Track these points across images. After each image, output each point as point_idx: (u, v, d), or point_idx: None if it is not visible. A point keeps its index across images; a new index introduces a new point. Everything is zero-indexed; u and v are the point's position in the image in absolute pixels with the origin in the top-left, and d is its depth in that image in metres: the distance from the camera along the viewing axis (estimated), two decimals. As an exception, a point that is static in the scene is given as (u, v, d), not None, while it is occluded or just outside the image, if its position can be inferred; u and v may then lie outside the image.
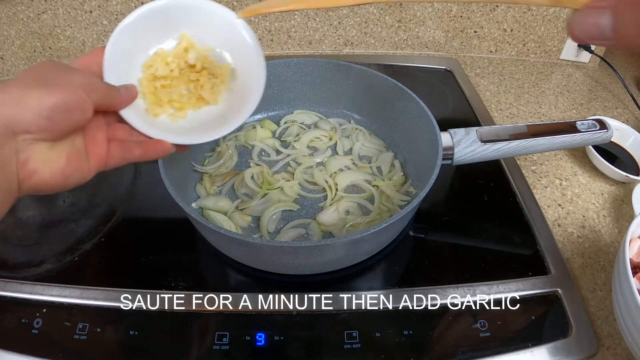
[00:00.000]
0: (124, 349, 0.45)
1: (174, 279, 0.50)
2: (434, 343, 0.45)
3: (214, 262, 0.53)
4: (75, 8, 0.81)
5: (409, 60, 0.90)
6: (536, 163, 0.69)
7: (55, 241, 0.55)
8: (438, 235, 0.58)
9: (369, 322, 0.47)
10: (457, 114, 0.78)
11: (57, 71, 0.35)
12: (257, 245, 0.46)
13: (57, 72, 0.35)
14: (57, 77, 0.34)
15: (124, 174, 0.64)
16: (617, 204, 0.62)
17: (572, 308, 0.49)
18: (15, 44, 0.83)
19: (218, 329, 0.46)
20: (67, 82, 0.34)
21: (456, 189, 0.64)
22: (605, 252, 0.56)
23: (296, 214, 0.57)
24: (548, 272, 0.52)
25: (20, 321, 0.46)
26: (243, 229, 0.56)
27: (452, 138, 0.54)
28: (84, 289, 0.49)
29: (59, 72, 0.35)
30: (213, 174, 0.62)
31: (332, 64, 0.67)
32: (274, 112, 0.72)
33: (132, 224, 0.58)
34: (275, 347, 0.45)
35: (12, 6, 0.79)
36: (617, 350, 0.47)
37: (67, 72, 0.35)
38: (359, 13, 0.87)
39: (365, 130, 0.69)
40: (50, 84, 0.33)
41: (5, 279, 0.50)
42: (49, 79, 0.34)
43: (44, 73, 0.34)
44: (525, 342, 0.46)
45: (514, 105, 0.81)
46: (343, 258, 0.50)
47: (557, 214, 0.61)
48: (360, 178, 0.61)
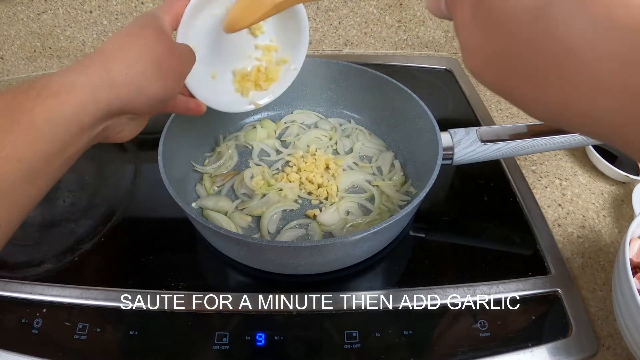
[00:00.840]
0: (124, 349, 0.45)
1: (174, 279, 0.50)
2: (434, 343, 0.45)
3: (214, 262, 0.53)
4: (75, 8, 0.81)
5: (409, 60, 0.90)
6: (536, 163, 0.69)
7: (55, 241, 0.55)
8: (438, 235, 0.58)
9: (369, 322, 0.47)
10: (457, 114, 0.78)
11: (170, 58, 0.37)
12: (257, 245, 0.46)
13: (171, 59, 0.37)
14: (170, 67, 0.37)
15: (124, 174, 0.64)
16: (617, 204, 0.62)
17: (572, 308, 0.49)
18: (15, 44, 0.83)
19: (218, 329, 0.46)
20: (176, 76, 0.38)
21: (456, 189, 0.64)
22: (605, 252, 0.56)
23: (296, 214, 0.57)
24: (548, 272, 0.52)
25: (20, 321, 0.46)
26: (243, 229, 0.56)
27: (452, 138, 0.54)
28: (84, 289, 0.49)
29: (172, 60, 0.37)
30: (213, 174, 0.62)
31: (332, 64, 0.67)
32: (274, 112, 0.72)
33: (132, 224, 0.58)
34: (275, 347, 0.45)
35: (12, 6, 0.79)
36: (617, 350, 0.47)
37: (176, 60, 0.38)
38: (359, 13, 0.87)
39: (365, 130, 0.69)
40: (165, 76, 0.36)
41: (5, 279, 0.50)
42: (164, 69, 0.36)
43: (161, 60, 0.36)
44: (525, 342, 0.46)
45: (514, 105, 0.81)
46: (343, 258, 0.50)
47: (557, 214, 0.60)
48: (361, 178, 0.61)
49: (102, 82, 0.32)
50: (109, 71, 0.33)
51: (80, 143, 0.32)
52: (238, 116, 0.70)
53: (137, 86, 0.34)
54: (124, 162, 0.66)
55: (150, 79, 0.35)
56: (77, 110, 0.31)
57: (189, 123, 0.60)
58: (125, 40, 0.35)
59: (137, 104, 0.35)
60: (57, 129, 0.30)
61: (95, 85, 0.32)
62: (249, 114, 0.71)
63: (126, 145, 0.67)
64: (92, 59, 0.33)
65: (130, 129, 0.39)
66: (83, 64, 0.33)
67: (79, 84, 0.31)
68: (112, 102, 0.33)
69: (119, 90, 0.33)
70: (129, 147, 0.67)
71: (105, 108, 0.33)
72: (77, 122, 0.31)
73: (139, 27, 0.37)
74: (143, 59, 0.35)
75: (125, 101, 0.34)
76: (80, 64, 0.33)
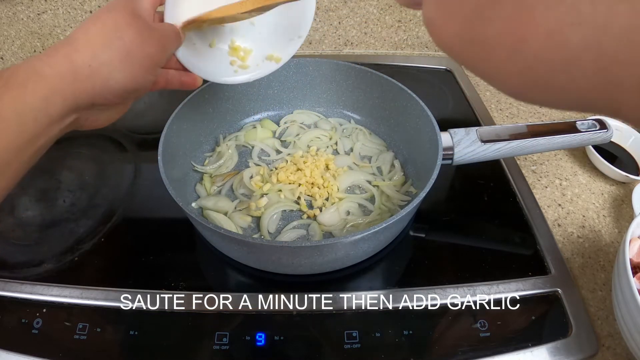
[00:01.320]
0: (124, 349, 0.45)
1: (174, 279, 0.50)
2: (434, 343, 0.45)
3: (214, 262, 0.53)
4: (75, 8, 0.81)
5: (409, 60, 0.90)
6: (536, 163, 0.69)
7: (55, 241, 0.55)
8: (438, 235, 0.58)
9: (369, 322, 0.47)
10: (457, 114, 0.78)
11: (143, 45, 0.34)
12: (257, 245, 0.46)
13: (144, 46, 0.34)
14: (142, 55, 0.34)
15: (124, 174, 0.64)
16: (617, 204, 0.62)
17: (572, 308, 0.49)
18: (15, 44, 0.83)
19: (218, 329, 0.46)
20: (149, 64, 0.35)
21: (456, 189, 0.64)
22: (605, 252, 0.56)
23: (296, 214, 0.57)
24: (548, 272, 0.52)
25: (20, 321, 0.46)
26: (243, 229, 0.56)
27: (452, 138, 0.54)
28: (84, 289, 0.49)
29: (146, 47, 0.34)
30: (213, 174, 0.62)
31: (332, 64, 0.67)
32: (274, 112, 0.72)
33: (132, 224, 0.58)
34: (275, 347, 0.45)
35: (12, 6, 0.79)
36: (617, 350, 0.47)
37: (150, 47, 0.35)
38: (359, 13, 0.87)
39: (365, 130, 0.69)
40: (134, 65, 0.34)
41: (5, 279, 0.50)
42: (134, 58, 0.33)
43: (131, 49, 0.33)
44: (525, 342, 0.46)
45: (514, 105, 0.81)
46: (343, 258, 0.50)
47: (557, 214, 0.60)
48: (362, 178, 0.61)
49: (65, 74, 0.31)
50: (72, 62, 0.31)
51: (50, 133, 0.31)
52: (238, 116, 0.70)
53: (102, 78, 0.32)
54: (124, 162, 0.66)
55: (118, 69, 0.33)
56: (44, 102, 0.30)
57: (189, 123, 0.60)
58: (93, 26, 0.33)
59: (106, 96, 0.33)
60: (25, 120, 0.29)
61: (59, 77, 0.30)
62: (249, 114, 0.71)
63: (126, 145, 0.67)
64: (57, 49, 0.32)
65: (106, 117, 0.37)
66: (49, 53, 0.31)
67: (44, 75, 0.30)
68: (78, 95, 0.31)
69: (84, 83, 0.31)
70: (129, 147, 0.67)
71: (72, 100, 0.31)
72: (45, 113, 0.30)
73: (108, 10, 0.34)
74: (109, 47, 0.32)
75: (92, 94, 0.32)
76: (47, 53, 0.31)
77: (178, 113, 0.56)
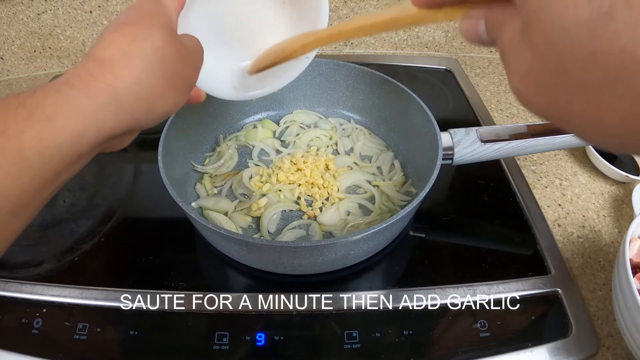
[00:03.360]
0: (124, 349, 0.45)
1: (174, 279, 0.50)
2: (434, 343, 0.45)
3: (214, 262, 0.53)
4: (75, 8, 0.81)
5: (409, 60, 0.90)
6: (536, 163, 0.69)
7: (55, 241, 0.55)
8: (438, 235, 0.58)
9: (369, 322, 0.47)
10: (457, 114, 0.78)
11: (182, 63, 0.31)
12: (257, 245, 0.46)
13: (183, 65, 0.32)
14: (182, 74, 0.32)
15: (124, 174, 0.64)
16: (617, 204, 0.62)
17: (572, 308, 0.49)
18: (15, 44, 0.83)
19: (218, 329, 0.46)
20: (188, 83, 0.33)
21: (456, 189, 0.64)
22: (605, 252, 0.56)
23: (296, 214, 0.57)
24: (548, 272, 0.52)
25: (20, 321, 0.46)
26: (243, 229, 0.56)
27: (452, 138, 0.54)
28: (84, 289, 0.49)
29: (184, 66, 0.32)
30: (213, 174, 0.62)
31: (332, 64, 0.67)
32: (274, 112, 0.72)
33: (132, 224, 0.58)
34: (275, 347, 0.45)
35: (12, 6, 0.79)
36: (617, 350, 0.47)
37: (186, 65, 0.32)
38: (359, 13, 0.87)
39: (365, 130, 0.69)
40: (176, 86, 0.31)
41: (5, 279, 0.50)
42: (175, 78, 0.31)
43: (172, 68, 0.30)
44: (525, 342, 0.46)
45: (514, 105, 0.81)
46: (343, 258, 0.50)
47: (557, 214, 0.60)
48: (362, 178, 0.61)
49: (106, 105, 0.27)
50: (114, 90, 0.27)
51: (74, 169, 0.27)
52: (238, 116, 0.70)
53: (147, 104, 0.29)
54: (124, 162, 0.66)
55: (162, 93, 0.29)
56: (76, 137, 0.25)
57: (189, 123, 0.60)
58: (129, 45, 0.29)
59: (144, 123, 0.30)
60: (49, 160, 0.25)
61: (100, 109, 0.26)
62: (249, 113, 0.71)
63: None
64: (92, 73, 0.27)
65: (129, 139, 0.34)
66: (82, 78, 0.27)
67: (80, 107, 0.26)
68: (117, 127, 0.28)
69: (127, 113, 0.28)
70: (129, 147, 0.66)
71: (110, 131, 0.27)
72: (75, 150, 0.26)
73: (144, 26, 0.30)
74: (152, 71, 0.29)
75: (132, 123, 0.29)
76: (78, 77, 0.27)
77: (178, 113, 0.56)
